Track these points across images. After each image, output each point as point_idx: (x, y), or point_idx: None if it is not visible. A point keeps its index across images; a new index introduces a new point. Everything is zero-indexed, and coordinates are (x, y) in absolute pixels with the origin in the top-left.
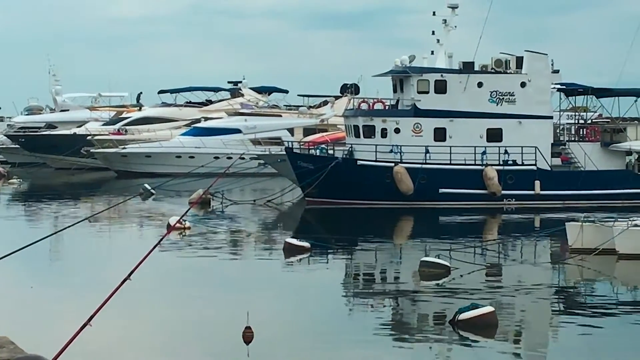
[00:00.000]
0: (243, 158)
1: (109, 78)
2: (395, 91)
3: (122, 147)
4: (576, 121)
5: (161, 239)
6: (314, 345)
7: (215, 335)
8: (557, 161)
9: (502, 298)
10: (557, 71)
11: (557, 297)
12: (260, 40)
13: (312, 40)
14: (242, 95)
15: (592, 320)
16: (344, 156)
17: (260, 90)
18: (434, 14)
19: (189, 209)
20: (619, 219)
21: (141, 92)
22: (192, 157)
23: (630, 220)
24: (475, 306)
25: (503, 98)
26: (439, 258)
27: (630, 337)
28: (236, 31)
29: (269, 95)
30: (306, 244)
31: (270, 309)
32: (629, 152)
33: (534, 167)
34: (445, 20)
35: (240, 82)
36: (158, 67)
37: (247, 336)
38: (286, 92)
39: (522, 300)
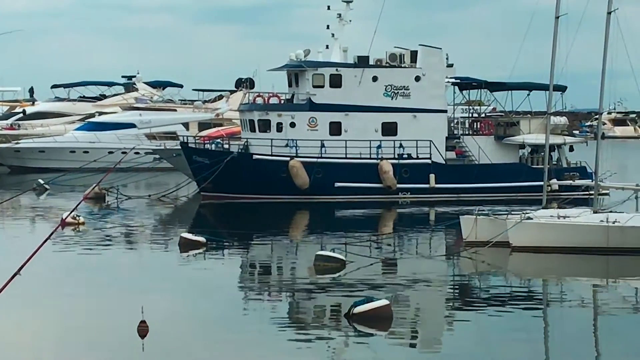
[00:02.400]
0: (138, 153)
1: (0, 73)
2: (290, 85)
3: (15, 142)
4: (470, 115)
5: (51, 234)
6: (208, 339)
7: (109, 330)
8: (452, 155)
9: (397, 291)
10: (451, 65)
11: (451, 289)
12: (154, 34)
13: (207, 34)
14: (137, 89)
15: (486, 311)
16: (240, 151)
17: (154, 84)
18: (328, 8)
19: (80, 203)
20: (512, 212)
21: (32, 87)
22: (87, 152)
23: (523, 213)
24: (370, 299)
25: (398, 92)
26: (334, 252)
27: (522, 326)
28: (130, 25)
29: (163, 89)
30: (202, 239)
31: (165, 303)
32: (522, 146)
33: (428, 161)
34: (339, 15)
35: (135, 76)
36: (51, 61)
37: (142, 330)
38: (181, 86)
39: (417, 293)
